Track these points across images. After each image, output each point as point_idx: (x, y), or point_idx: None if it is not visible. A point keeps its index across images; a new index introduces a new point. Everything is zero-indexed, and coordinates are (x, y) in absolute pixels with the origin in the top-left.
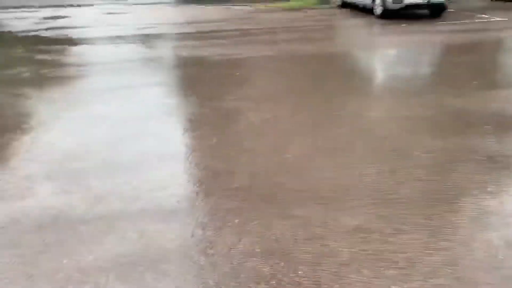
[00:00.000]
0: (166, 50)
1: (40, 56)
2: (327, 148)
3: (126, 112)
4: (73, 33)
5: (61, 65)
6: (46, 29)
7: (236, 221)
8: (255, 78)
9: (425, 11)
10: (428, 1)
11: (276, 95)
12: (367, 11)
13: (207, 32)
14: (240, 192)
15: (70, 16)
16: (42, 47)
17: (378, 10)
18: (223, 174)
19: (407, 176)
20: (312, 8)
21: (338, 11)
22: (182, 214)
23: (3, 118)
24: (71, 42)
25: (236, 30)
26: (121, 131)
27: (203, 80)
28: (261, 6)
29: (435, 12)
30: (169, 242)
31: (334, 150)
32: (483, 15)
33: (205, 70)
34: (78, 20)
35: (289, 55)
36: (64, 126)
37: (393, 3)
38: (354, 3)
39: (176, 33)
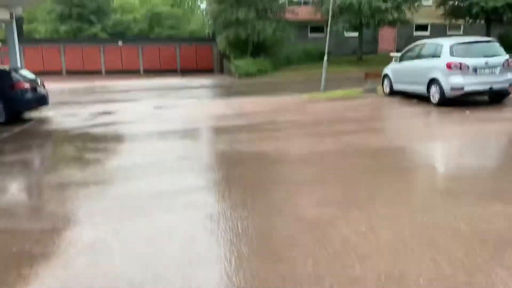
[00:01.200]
0: (220, 146)
1: (91, 155)
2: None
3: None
4: (123, 129)
5: (109, 168)
6: (96, 126)
7: None
8: (327, 177)
9: (485, 98)
10: (490, 88)
11: (360, 199)
12: (420, 98)
13: (259, 125)
14: None
15: (118, 112)
16: (92, 145)
17: (435, 97)
18: None
19: None
20: (359, 98)
21: (387, 99)
22: None
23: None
24: (121, 139)
25: (288, 121)
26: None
27: (266, 182)
28: (304, 96)
29: (496, 99)
30: None
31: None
32: None
33: (266, 168)
34: (127, 115)
35: (354, 149)
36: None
37: (452, 90)
38: (405, 91)
39: (228, 126)
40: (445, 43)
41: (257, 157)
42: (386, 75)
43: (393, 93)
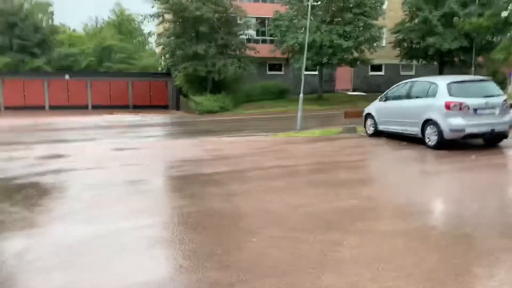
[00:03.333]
0: (215, 203)
1: (36, 217)
2: None
3: None
4: (79, 178)
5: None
6: (45, 173)
7: None
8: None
9: (479, 141)
10: (492, 130)
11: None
12: (410, 140)
13: (246, 171)
14: None
15: (71, 155)
16: (38, 201)
17: (432, 139)
18: None
19: None
20: (341, 138)
21: (373, 140)
22: None
23: None
24: (77, 193)
25: (278, 167)
26: None
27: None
28: (280, 135)
29: (494, 141)
30: None
31: None
32: None
33: (287, 242)
34: (82, 159)
35: (378, 205)
36: None
37: (452, 132)
38: (393, 132)
39: (211, 174)
40: (440, 81)
41: (273, 221)
42: (368, 115)
43: (377, 133)
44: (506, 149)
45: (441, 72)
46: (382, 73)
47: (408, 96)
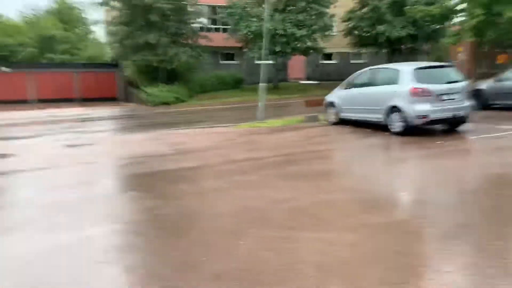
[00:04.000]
0: (181, 201)
1: None
2: None
3: None
4: (29, 182)
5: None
6: None
7: None
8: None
9: (438, 126)
10: (454, 115)
11: None
12: (374, 127)
13: (217, 166)
14: None
15: (18, 154)
16: None
17: (397, 126)
18: None
19: None
20: (305, 127)
21: (338, 128)
22: None
23: None
24: (26, 201)
25: (248, 159)
26: None
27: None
28: (243, 126)
29: (454, 126)
30: None
31: None
32: (503, 126)
33: (278, 242)
34: (31, 158)
35: (362, 198)
36: None
37: (417, 118)
38: (356, 119)
39: (179, 169)
40: (405, 68)
41: (258, 220)
42: (331, 103)
43: (340, 121)
44: (466, 133)
45: (390, 60)
46: (333, 61)
47: (372, 83)
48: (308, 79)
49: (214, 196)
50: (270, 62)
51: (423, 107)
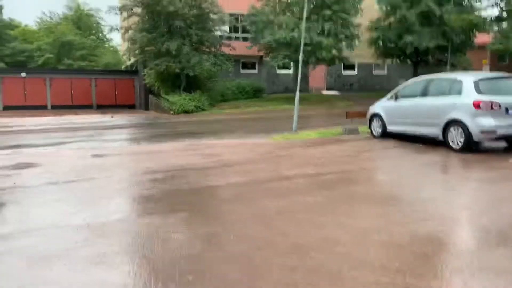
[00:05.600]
0: (243, 229)
1: None
2: None
3: None
4: (62, 194)
5: None
6: (14, 190)
7: None
8: None
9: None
10: None
11: None
12: (424, 141)
13: (265, 181)
14: None
15: (43, 163)
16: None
17: (457, 142)
18: None
19: None
20: (346, 140)
21: (383, 143)
22: None
23: None
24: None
25: (300, 176)
26: None
27: None
28: (277, 138)
29: None
30: None
31: None
32: None
33: None
34: (58, 169)
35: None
36: None
37: (482, 133)
38: (406, 133)
39: (223, 186)
40: (466, 78)
41: (351, 260)
42: (375, 114)
43: (385, 135)
44: None
45: (415, 72)
46: (355, 72)
47: (425, 94)
48: (329, 89)
49: (281, 222)
50: (286, 71)
51: (489, 122)
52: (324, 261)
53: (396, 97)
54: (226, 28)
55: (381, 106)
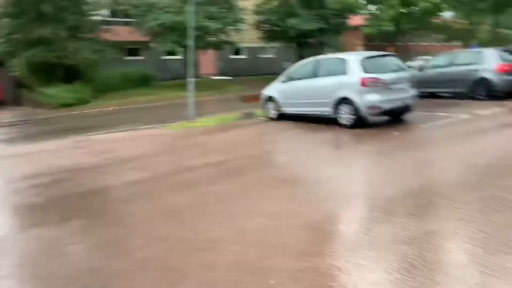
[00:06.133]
0: (153, 228)
1: None
2: None
3: None
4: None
5: None
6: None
7: None
8: None
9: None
10: (404, 104)
11: None
12: (318, 121)
13: (169, 175)
14: None
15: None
16: None
17: (348, 119)
18: None
19: None
20: (246, 125)
21: (282, 125)
22: None
23: None
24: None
25: (206, 165)
26: None
27: None
28: (174, 126)
29: (399, 115)
30: None
31: None
32: (442, 113)
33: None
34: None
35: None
36: None
37: (369, 109)
38: (300, 113)
39: (122, 184)
40: (352, 57)
41: (272, 248)
42: (270, 97)
43: (281, 117)
44: (414, 122)
45: (300, 54)
46: (244, 56)
47: (315, 75)
48: (220, 74)
49: (192, 217)
50: (175, 57)
51: (375, 98)
52: (243, 253)
53: (289, 79)
54: (106, 12)
55: (274, 89)
